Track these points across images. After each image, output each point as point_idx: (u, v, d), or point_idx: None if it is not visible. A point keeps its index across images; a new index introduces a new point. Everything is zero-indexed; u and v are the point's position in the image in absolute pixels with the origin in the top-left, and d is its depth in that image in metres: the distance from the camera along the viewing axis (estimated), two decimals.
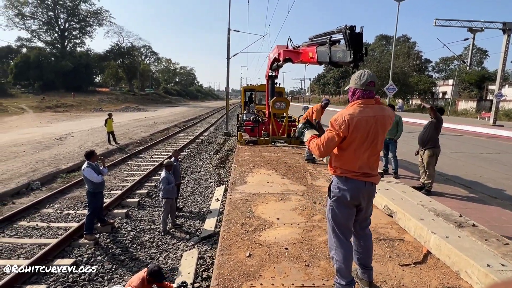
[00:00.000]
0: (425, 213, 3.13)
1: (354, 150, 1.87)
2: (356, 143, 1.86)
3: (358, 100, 1.90)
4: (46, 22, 53.85)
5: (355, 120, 1.82)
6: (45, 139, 13.56)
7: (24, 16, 51.59)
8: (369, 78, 1.90)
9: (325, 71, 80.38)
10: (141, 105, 45.62)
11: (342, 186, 1.91)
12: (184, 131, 19.82)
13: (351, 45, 4.68)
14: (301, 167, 5.83)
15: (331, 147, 1.90)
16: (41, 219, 6.07)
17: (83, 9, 56.59)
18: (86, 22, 57.66)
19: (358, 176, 1.89)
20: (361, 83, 1.90)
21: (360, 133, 1.83)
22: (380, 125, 1.85)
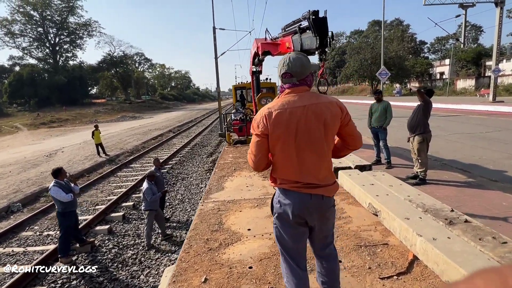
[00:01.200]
0: (412, 210, 2.75)
1: (283, 152, 1.47)
2: (282, 143, 1.45)
3: (286, 90, 1.53)
4: (36, 39, 53.70)
5: (274, 114, 1.44)
6: (34, 157, 13.28)
7: (14, 34, 51.45)
8: (283, 69, 1.51)
9: None
10: (137, 113, 45.37)
11: (282, 200, 1.52)
12: (178, 136, 19.48)
13: (316, 30, 4.39)
14: None
15: (259, 155, 1.51)
16: (18, 244, 5.77)
17: (72, 22, 56.37)
18: (76, 34, 57.48)
19: (299, 188, 1.48)
20: (280, 74, 1.54)
21: (283, 129, 1.43)
22: (315, 116, 1.43)
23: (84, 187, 8.78)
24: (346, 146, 1.65)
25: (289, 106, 1.45)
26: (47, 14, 53.14)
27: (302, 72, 1.50)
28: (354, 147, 1.67)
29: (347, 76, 46.94)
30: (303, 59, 1.51)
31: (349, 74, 44.95)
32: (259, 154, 1.51)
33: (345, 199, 3.63)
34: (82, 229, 6.00)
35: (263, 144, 1.49)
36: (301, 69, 1.49)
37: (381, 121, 5.85)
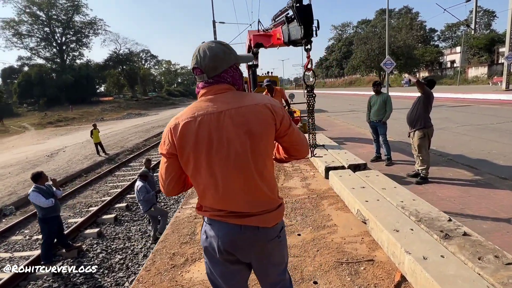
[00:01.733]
0: (403, 220, 2.40)
1: (198, 174, 1.13)
2: (195, 163, 1.10)
3: (201, 91, 1.19)
4: (43, 38, 54.30)
5: (181, 126, 1.10)
6: (36, 158, 13.31)
7: (22, 34, 52.09)
8: (192, 62, 1.18)
9: (326, 54, 78.31)
10: (143, 110, 45.56)
11: (208, 231, 1.20)
12: None
13: (300, 19, 4.06)
14: (277, 164, 5.14)
15: (168, 178, 1.18)
16: (5, 249, 5.65)
17: (77, 21, 56.77)
18: (82, 33, 57.89)
19: (224, 217, 1.15)
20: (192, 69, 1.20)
21: (192, 145, 1.08)
22: (235, 125, 1.09)
23: (80, 188, 8.67)
24: (289, 155, 1.33)
25: (200, 113, 1.10)
26: (53, 14, 53.54)
27: (215, 66, 1.14)
28: (299, 157, 1.35)
29: (354, 67, 45.90)
30: (218, 49, 1.16)
31: (356, 65, 43.90)
32: (168, 178, 1.18)
33: (334, 204, 3.30)
34: (72, 233, 5.85)
35: (172, 166, 1.16)
36: (213, 62, 1.13)
37: (380, 115, 5.44)
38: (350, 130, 9.75)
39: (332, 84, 74.13)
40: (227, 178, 1.10)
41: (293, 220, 2.98)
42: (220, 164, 1.09)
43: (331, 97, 33.30)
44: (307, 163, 5.10)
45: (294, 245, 2.52)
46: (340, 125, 11.29)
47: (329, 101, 25.95)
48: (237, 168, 1.10)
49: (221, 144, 1.09)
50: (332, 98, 30.20)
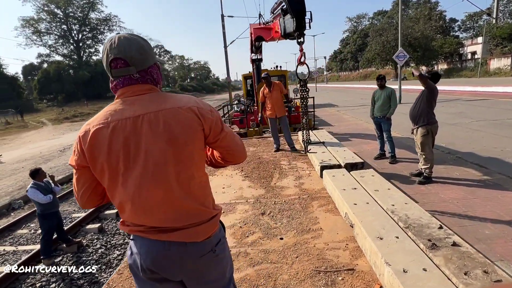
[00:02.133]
0: (390, 226, 2.23)
1: (115, 187, 1.00)
2: (109, 174, 0.97)
3: (118, 91, 1.03)
4: (61, 36, 55.80)
5: (91, 133, 0.96)
6: (49, 152, 13.70)
7: (41, 32, 53.67)
8: (111, 53, 0.98)
9: (341, 47, 76.62)
10: None
11: (132, 248, 1.08)
12: None
13: (292, 11, 3.89)
14: (274, 162, 5.00)
15: (81, 190, 1.05)
16: (11, 243, 5.82)
17: (93, 18, 57.91)
18: (98, 30, 59.05)
19: (145, 233, 1.03)
20: (107, 64, 1.01)
21: (105, 155, 0.95)
22: (154, 131, 0.95)
23: None
24: (224, 161, 1.21)
25: (115, 118, 0.96)
26: (70, 11, 54.79)
27: (143, 60, 1.01)
28: (236, 162, 1.23)
29: (368, 60, 44.66)
30: (142, 41, 1.03)
31: (371, 57, 42.69)
32: (81, 189, 1.05)
33: (324, 206, 3.14)
34: (73, 228, 5.95)
35: (85, 177, 1.03)
36: (140, 55, 1.00)
37: (384, 110, 5.18)
38: (358, 126, 9.44)
39: (346, 78, 72.64)
40: (145, 191, 0.97)
41: (278, 223, 2.85)
42: (136, 176, 0.96)
43: (344, 91, 32.57)
44: (305, 161, 4.93)
45: (274, 250, 2.39)
46: (348, 120, 10.97)
47: (341, 95, 25.37)
48: (155, 180, 0.97)
49: (138, 153, 0.96)
50: (344, 92, 29.53)
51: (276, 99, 5.60)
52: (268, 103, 5.71)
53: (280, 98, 5.66)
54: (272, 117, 5.75)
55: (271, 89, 5.58)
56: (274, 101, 5.61)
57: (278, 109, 5.63)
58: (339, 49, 77.89)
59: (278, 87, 5.61)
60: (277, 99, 5.61)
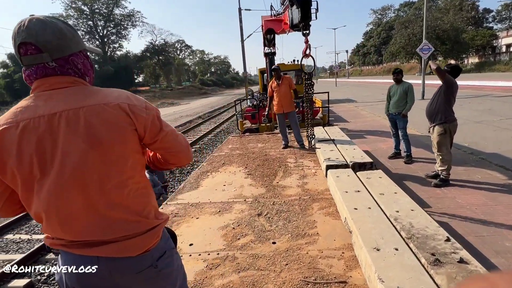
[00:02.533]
0: (390, 236, 2.01)
1: (27, 195, 0.86)
2: (22, 181, 0.84)
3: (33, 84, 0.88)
4: (87, 32, 57.82)
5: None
6: None
7: None
8: (18, 37, 0.83)
9: (364, 40, 74.17)
10: (176, 99, 46.86)
11: (59, 262, 0.96)
12: (207, 122, 19.50)
13: (297, 0, 3.67)
14: (280, 159, 4.82)
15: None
16: (27, 231, 6.06)
17: (117, 14, 59.48)
18: (121, 25, 60.63)
19: (68, 247, 0.90)
20: (14, 51, 0.87)
21: (14, 159, 0.81)
22: (73, 131, 0.82)
23: None
24: (167, 163, 1.07)
25: (25, 116, 0.82)
26: (95, 8, 56.57)
27: (61, 45, 0.86)
28: (180, 164, 1.09)
29: (392, 53, 42.89)
30: (62, 25, 0.89)
31: (395, 51, 40.96)
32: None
33: (325, 208, 2.94)
34: None
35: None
36: (58, 39, 0.85)
37: (400, 106, 4.85)
38: (375, 123, 9.02)
39: (369, 72, 70.37)
40: (61, 200, 0.84)
41: (274, 225, 2.69)
42: (51, 183, 0.83)
43: (365, 85, 31.50)
44: (312, 158, 4.71)
45: (264, 255, 2.25)
46: (366, 116, 10.52)
47: (361, 90, 24.54)
48: (73, 188, 0.84)
49: (54, 157, 0.83)
50: (365, 87, 28.55)
51: (284, 94, 5.39)
52: (275, 98, 5.52)
53: (289, 92, 5.44)
54: (280, 113, 5.55)
55: (280, 82, 5.38)
56: (282, 95, 5.40)
57: (286, 104, 5.42)
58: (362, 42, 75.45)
59: (287, 81, 5.40)
60: (285, 93, 5.40)
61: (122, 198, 0.89)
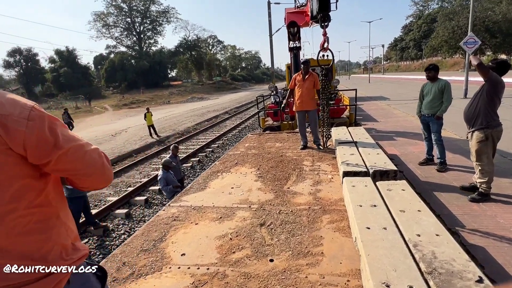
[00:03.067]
0: (405, 268, 1.66)
1: None
2: None
3: None
4: (126, 28, 60.58)
5: None
6: (103, 136, 14.89)
7: (109, 25, 58.91)
8: None
9: (402, 34, 70.05)
10: (206, 94, 47.63)
11: None
12: (232, 117, 19.48)
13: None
14: (296, 161, 4.50)
15: None
16: None
17: (153, 10, 61.54)
18: (157, 22, 62.67)
19: None
20: None
21: None
22: None
23: (126, 168, 9.29)
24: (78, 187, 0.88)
25: None
26: (133, 5, 58.95)
27: None
28: (92, 188, 0.90)
29: (434, 48, 39.95)
30: None
31: (437, 45, 38.08)
32: None
33: (336, 222, 2.61)
34: (104, 211, 6.24)
35: None
36: None
37: (434, 107, 4.30)
38: (407, 123, 8.30)
39: (407, 68, 66.44)
40: None
41: (275, 239, 2.43)
42: None
43: (401, 82, 29.66)
44: (331, 162, 4.34)
45: (257, 275, 2.00)
46: (398, 116, 9.76)
47: (395, 87, 23.11)
48: None
49: None
50: (400, 84, 26.86)
51: (307, 90, 5.04)
52: (297, 93, 5.18)
53: (312, 90, 5.09)
54: (300, 110, 5.22)
55: (306, 78, 5.03)
56: (304, 91, 5.05)
57: (307, 101, 5.07)
58: (400, 36, 71.35)
59: (313, 78, 5.04)
60: (308, 90, 5.04)
61: None
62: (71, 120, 17.03)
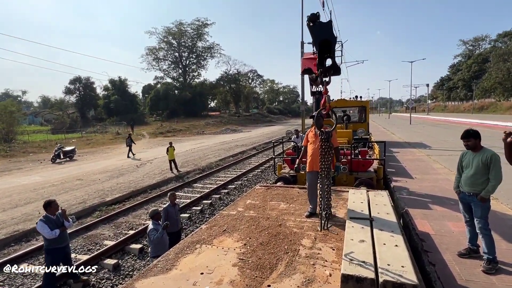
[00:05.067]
0: None
1: None
2: None
3: None
4: (173, 61, 65.61)
5: None
6: (129, 166, 15.13)
7: (159, 59, 64.28)
8: None
9: (450, 73, 66.64)
10: (241, 125, 48.35)
11: None
12: (259, 154, 18.97)
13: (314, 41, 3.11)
14: (294, 236, 3.67)
15: None
16: (40, 263, 6.01)
17: (199, 46, 66.19)
18: (202, 56, 67.06)
19: None
20: None
21: None
22: None
23: (135, 206, 9.00)
24: None
25: None
26: (182, 41, 64.02)
27: None
28: None
29: (486, 89, 36.91)
30: None
31: (490, 87, 35.14)
32: None
33: None
34: (92, 259, 5.79)
35: None
36: None
37: (476, 184, 3.31)
38: (449, 185, 6.99)
39: (455, 109, 62.06)
40: None
41: None
42: None
43: (446, 125, 27.22)
44: (336, 244, 3.44)
45: None
46: (438, 172, 8.40)
47: (439, 132, 21.07)
48: None
49: None
50: (445, 127, 24.57)
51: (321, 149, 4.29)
52: (309, 150, 4.46)
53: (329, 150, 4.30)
54: (311, 171, 4.43)
55: (319, 134, 4.31)
56: (316, 150, 4.29)
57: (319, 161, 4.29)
58: (447, 75, 67.86)
59: None
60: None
61: None
62: (133, 143, 19.58)
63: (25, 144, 24.92)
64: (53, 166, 16.83)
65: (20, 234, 7.10)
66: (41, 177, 13.29)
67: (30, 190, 10.85)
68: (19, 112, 32.26)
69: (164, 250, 4.89)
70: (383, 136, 18.39)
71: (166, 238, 5.20)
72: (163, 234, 5.09)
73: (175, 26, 61.51)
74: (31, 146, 24.18)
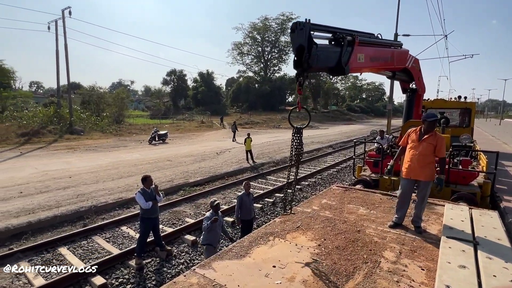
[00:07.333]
0: None
1: None
2: None
3: None
4: (256, 56, 67.77)
5: None
6: (210, 153, 16.34)
7: (243, 53, 67.27)
8: None
9: None
10: (318, 122, 47.10)
11: None
12: (336, 153, 18.15)
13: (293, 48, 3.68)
14: (375, 246, 3.34)
15: None
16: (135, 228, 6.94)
17: (282, 41, 66.59)
18: (284, 51, 67.38)
19: None
20: None
21: None
22: None
23: (213, 190, 9.65)
24: None
25: None
26: (266, 36, 65.45)
27: None
28: None
29: None
30: None
31: None
32: None
33: None
34: (174, 233, 6.43)
35: None
36: None
37: None
38: None
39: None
40: None
41: None
42: None
43: None
44: (426, 264, 2.98)
45: None
46: None
47: None
48: None
49: None
50: None
51: (423, 155, 3.71)
52: (407, 154, 3.94)
53: (429, 156, 3.72)
54: (407, 178, 3.91)
55: (423, 138, 3.79)
56: (416, 155, 3.77)
57: (418, 169, 3.72)
58: None
59: (434, 140, 3.72)
60: (422, 155, 3.71)
61: None
62: (236, 130, 23.66)
63: (130, 126, 29.39)
64: (149, 146, 19.38)
65: (122, 201, 8.38)
66: (140, 155, 15.46)
67: (132, 165, 12.72)
68: (128, 98, 38.29)
69: (214, 241, 4.98)
70: (492, 145, 15.40)
71: (219, 231, 5.10)
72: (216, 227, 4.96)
73: (260, 21, 63.14)
74: (134, 128, 28.39)
